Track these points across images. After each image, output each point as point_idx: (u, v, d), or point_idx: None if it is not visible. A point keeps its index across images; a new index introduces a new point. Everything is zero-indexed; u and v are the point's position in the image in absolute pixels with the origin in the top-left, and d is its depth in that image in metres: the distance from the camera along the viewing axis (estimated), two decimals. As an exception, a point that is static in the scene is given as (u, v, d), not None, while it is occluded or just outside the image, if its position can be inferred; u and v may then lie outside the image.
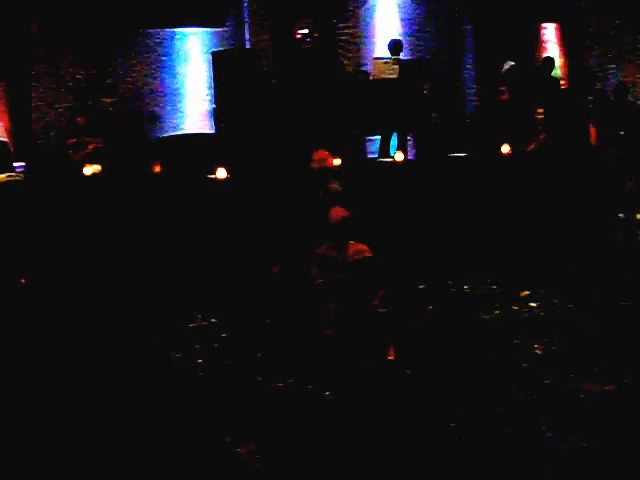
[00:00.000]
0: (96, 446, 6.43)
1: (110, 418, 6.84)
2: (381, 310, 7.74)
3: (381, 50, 14.40)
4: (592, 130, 12.46)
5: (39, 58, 13.22)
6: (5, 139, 12.40)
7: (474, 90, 14.91)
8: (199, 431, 6.65)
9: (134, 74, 13.84)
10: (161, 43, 14.23)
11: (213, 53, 13.55)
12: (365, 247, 7.88)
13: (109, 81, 12.86)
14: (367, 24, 15.03)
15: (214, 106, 13.14)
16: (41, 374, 7.68)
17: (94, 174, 10.94)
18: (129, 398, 7.20)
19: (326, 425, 6.69)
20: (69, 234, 10.22)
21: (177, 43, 14.33)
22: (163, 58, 14.18)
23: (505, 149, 11.79)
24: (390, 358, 7.61)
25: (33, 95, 13.25)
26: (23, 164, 11.98)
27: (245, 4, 14.59)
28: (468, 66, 15.05)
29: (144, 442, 6.50)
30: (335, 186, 8.84)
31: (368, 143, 13.19)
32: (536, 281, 9.97)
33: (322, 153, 9.07)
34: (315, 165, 8.99)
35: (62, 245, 10.11)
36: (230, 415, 6.89)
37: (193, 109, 14.28)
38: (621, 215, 11.53)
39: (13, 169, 11.59)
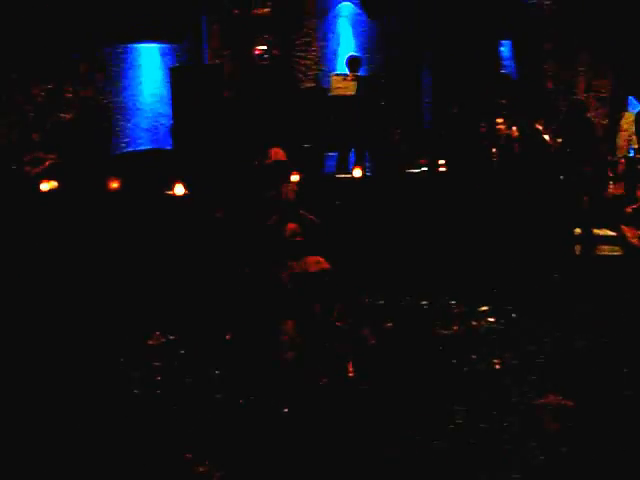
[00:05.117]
0: (53, 461, 6.39)
1: (66, 434, 6.79)
2: (339, 324, 7.74)
3: (339, 66, 14.47)
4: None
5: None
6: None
7: (431, 106, 14.99)
8: (159, 449, 6.61)
9: (92, 89, 13.79)
10: (119, 58, 14.20)
11: (171, 69, 13.53)
12: (322, 259, 7.88)
13: (67, 96, 12.80)
14: (325, 41, 15.08)
15: (172, 122, 13.12)
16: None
17: (51, 190, 10.87)
18: (86, 415, 7.14)
19: (285, 441, 6.67)
20: (24, 250, 10.14)
21: (136, 58, 14.31)
22: (121, 73, 14.14)
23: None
24: (349, 374, 7.61)
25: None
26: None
27: (204, 20, 14.61)
28: (425, 82, 15.13)
29: (101, 460, 6.45)
30: (291, 192, 8.78)
31: (326, 159, 13.20)
32: (494, 296, 10.02)
33: (276, 149, 9.03)
34: (269, 161, 8.94)
35: (17, 261, 10.03)
36: (190, 432, 6.86)
37: (151, 125, 14.26)
38: (578, 230, 11.62)
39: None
